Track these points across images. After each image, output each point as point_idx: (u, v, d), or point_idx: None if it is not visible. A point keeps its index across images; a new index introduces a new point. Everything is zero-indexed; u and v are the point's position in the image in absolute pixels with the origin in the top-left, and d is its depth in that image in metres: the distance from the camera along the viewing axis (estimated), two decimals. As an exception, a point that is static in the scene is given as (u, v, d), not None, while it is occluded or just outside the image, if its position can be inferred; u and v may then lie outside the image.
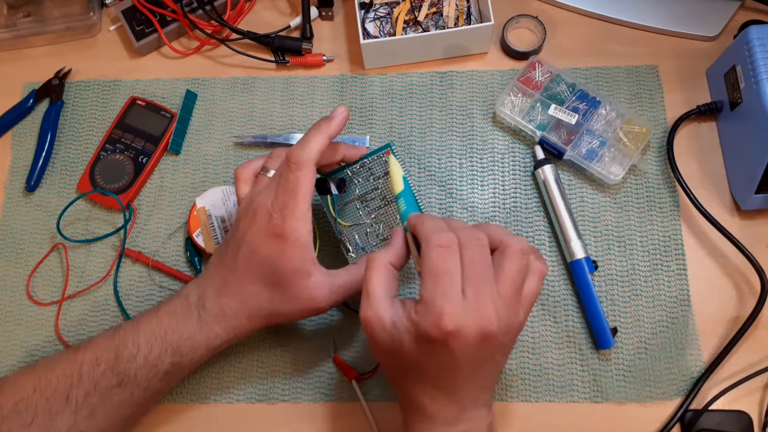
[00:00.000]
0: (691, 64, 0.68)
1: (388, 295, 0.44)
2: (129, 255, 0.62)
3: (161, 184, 0.65)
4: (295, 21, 0.71)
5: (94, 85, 0.69)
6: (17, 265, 0.63)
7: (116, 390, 0.48)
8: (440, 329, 0.40)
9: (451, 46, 0.67)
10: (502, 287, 0.42)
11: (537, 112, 0.64)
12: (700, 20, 0.68)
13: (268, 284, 0.49)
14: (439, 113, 0.67)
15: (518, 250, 0.43)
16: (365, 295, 0.44)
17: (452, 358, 0.41)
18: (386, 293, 0.44)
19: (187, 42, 0.72)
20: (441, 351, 0.41)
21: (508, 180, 0.64)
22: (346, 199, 0.55)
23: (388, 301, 0.43)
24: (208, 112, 0.68)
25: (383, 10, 0.69)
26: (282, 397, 0.58)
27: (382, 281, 0.44)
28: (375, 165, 0.54)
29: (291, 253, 0.47)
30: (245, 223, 0.49)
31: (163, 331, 0.49)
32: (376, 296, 0.43)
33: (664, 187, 0.63)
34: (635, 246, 0.61)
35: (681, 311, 0.59)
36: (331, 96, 0.68)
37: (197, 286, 0.51)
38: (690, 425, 0.55)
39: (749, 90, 0.58)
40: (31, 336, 0.60)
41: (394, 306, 0.43)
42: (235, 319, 0.50)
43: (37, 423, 0.47)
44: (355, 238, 0.55)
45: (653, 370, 0.57)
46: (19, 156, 0.67)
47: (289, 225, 0.47)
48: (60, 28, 0.70)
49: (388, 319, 0.43)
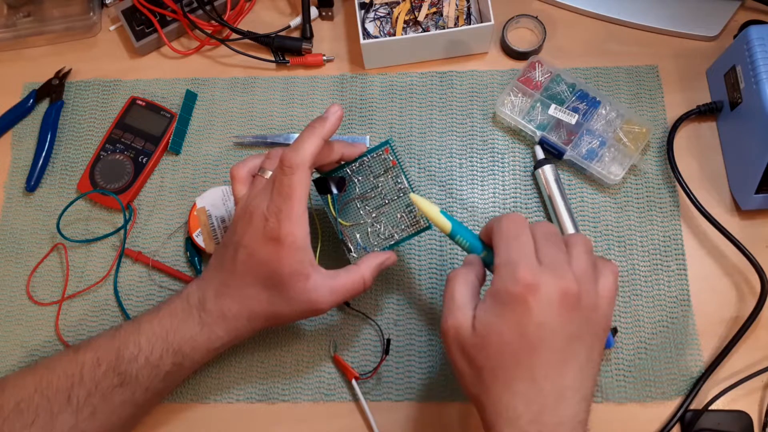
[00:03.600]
0: (691, 64, 0.68)
1: (471, 302, 0.43)
2: (129, 255, 0.62)
3: (161, 184, 0.65)
4: (295, 21, 0.71)
5: (94, 85, 0.69)
6: (17, 265, 0.63)
7: (118, 390, 0.48)
8: (518, 281, 0.40)
9: (451, 46, 0.67)
10: (576, 263, 0.42)
11: (537, 112, 0.64)
12: (700, 20, 0.68)
13: (267, 287, 0.49)
14: (439, 113, 0.67)
15: (583, 242, 0.44)
16: (449, 303, 0.43)
17: (537, 325, 0.40)
18: (470, 300, 0.43)
19: (187, 42, 0.72)
20: (524, 317, 0.40)
21: (508, 180, 0.64)
22: (346, 198, 0.54)
23: (470, 305, 0.43)
24: (208, 112, 0.68)
25: (383, 10, 0.69)
26: (282, 397, 0.58)
27: (464, 290, 0.44)
28: (374, 163, 0.54)
29: (288, 256, 0.47)
30: (242, 226, 0.49)
31: (164, 332, 0.49)
32: (459, 301, 0.43)
33: (664, 187, 0.63)
34: (635, 246, 0.61)
35: (681, 311, 0.59)
36: (331, 96, 0.68)
37: (197, 287, 0.51)
38: (690, 425, 0.55)
39: (749, 90, 0.58)
40: (31, 336, 0.60)
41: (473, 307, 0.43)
42: (235, 320, 0.50)
43: (39, 423, 0.47)
44: (356, 238, 0.55)
45: (653, 370, 0.57)
46: (19, 156, 0.67)
47: (284, 229, 0.47)
48: (60, 28, 0.70)
49: (470, 317, 0.42)
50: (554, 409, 0.40)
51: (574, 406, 0.41)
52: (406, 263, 0.61)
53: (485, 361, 0.41)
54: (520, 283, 0.40)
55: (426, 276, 0.61)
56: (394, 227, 0.54)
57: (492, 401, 0.41)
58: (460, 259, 0.61)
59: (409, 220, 0.54)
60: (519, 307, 0.40)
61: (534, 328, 0.40)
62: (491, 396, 0.41)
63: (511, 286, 0.40)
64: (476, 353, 0.42)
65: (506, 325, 0.40)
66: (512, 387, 0.41)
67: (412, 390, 0.57)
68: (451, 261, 0.61)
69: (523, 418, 0.40)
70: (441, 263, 0.61)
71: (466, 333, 0.42)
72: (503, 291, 0.41)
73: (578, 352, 0.41)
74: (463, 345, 0.42)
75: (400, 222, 0.54)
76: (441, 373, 0.58)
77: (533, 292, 0.40)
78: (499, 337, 0.41)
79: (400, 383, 0.58)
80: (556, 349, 0.40)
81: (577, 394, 0.41)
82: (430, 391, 0.57)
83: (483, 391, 0.42)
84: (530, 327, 0.40)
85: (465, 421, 0.57)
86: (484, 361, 0.41)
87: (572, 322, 0.41)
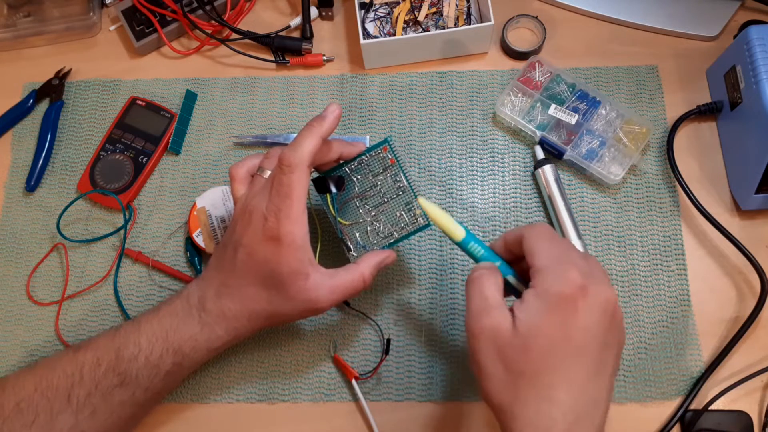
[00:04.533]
0: (691, 64, 0.68)
1: (504, 303, 0.42)
2: (129, 255, 0.62)
3: (161, 184, 0.65)
4: (295, 21, 0.71)
5: (94, 85, 0.69)
6: (17, 265, 0.63)
7: (117, 390, 0.48)
8: (570, 282, 0.39)
9: (451, 46, 0.67)
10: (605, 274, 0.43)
11: (537, 112, 0.64)
12: (700, 20, 0.68)
13: (266, 286, 0.49)
14: (439, 113, 0.67)
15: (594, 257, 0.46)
16: (482, 303, 0.41)
17: (582, 330, 0.39)
18: (503, 301, 0.42)
19: (187, 42, 0.72)
20: (571, 319, 0.39)
21: (508, 180, 0.64)
22: (346, 197, 0.54)
23: (505, 305, 0.42)
24: (208, 112, 0.68)
25: (383, 10, 0.69)
26: (282, 397, 0.58)
27: (495, 291, 0.42)
28: (373, 161, 0.54)
29: (287, 255, 0.47)
30: (241, 225, 0.49)
31: (164, 332, 0.49)
32: (493, 301, 0.41)
33: (664, 187, 0.63)
34: (635, 246, 0.61)
35: (681, 311, 0.59)
36: (331, 96, 0.68)
37: (197, 287, 0.51)
38: (690, 425, 0.55)
39: (749, 90, 0.58)
40: (31, 336, 0.60)
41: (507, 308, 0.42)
42: (235, 320, 0.50)
43: (39, 423, 0.47)
44: (355, 237, 0.55)
45: (653, 370, 0.57)
46: (19, 156, 0.67)
47: (284, 228, 0.47)
48: (60, 28, 0.70)
49: (509, 317, 0.40)
50: (587, 419, 0.39)
51: (601, 416, 0.40)
52: (406, 263, 0.61)
53: (526, 364, 0.39)
54: (571, 284, 0.39)
55: (426, 276, 0.61)
56: (394, 226, 0.54)
57: (526, 409, 0.39)
58: (460, 259, 0.61)
59: (409, 219, 0.54)
60: (568, 309, 0.39)
61: (579, 333, 0.39)
62: (527, 404, 0.39)
63: (563, 287, 0.39)
64: (517, 356, 0.40)
65: (553, 326, 0.39)
66: (552, 395, 0.39)
67: (412, 390, 0.57)
68: (451, 261, 0.61)
69: (559, 427, 0.38)
70: (441, 263, 0.61)
71: (506, 334, 0.40)
72: (552, 291, 0.40)
73: (608, 362, 0.41)
74: (502, 347, 0.40)
75: (399, 220, 0.54)
76: (441, 373, 0.58)
77: (583, 295, 0.39)
78: (545, 340, 0.39)
79: (400, 383, 0.58)
80: (594, 356, 0.40)
81: (604, 405, 0.41)
82: (430, 391, 0.57)
83: (516, 398, 0.40)
84: (576, 331, 0.39)
85: (465, 420, 0.56)
86: (525, 364, 0.39)
87: (608, 331, 0.41)
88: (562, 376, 0.39)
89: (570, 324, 0.39)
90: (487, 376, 0.41)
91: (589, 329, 0.40)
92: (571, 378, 0.39)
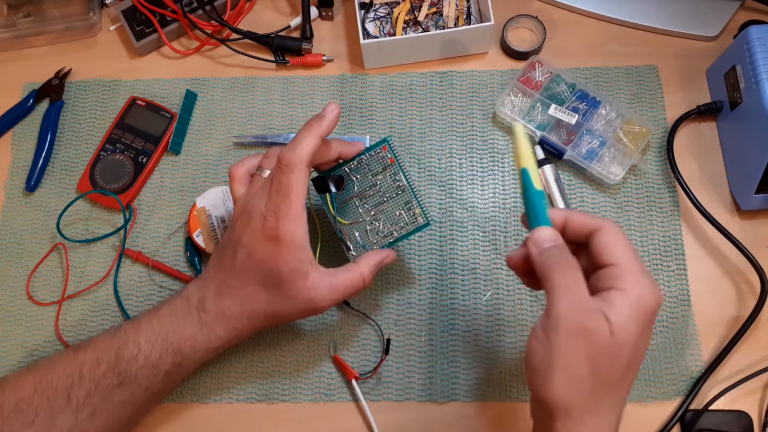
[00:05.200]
0: (691, 64, 0.68)
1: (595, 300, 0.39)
2: (129, 255, 0.62)
3: (161, 184, 0.65)
4: (295, 21, 0.71)
5: (94, 85, 0.69)
6: (17, 265, 0.63)
7: (117, 390, 0.48)
8: (656, 296, 0.39)
9: (451, 46, 0.67)
10: None
11: (537, 112, 0.64)
12: (700, 20, 0.68)
13: (266, 286, 0.49)
14: (439, 113, 0.67)
15: None
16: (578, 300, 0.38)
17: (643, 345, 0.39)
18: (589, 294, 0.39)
19: (187, 42, 0.72)
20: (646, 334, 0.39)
21: (508, 180, 0.64)
22: (345, 196, 0.54)
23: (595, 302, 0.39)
24: (208, 112, 0.68)
25: (383, 10, 0.69)
26: (282, 397, 0.58)
27: (582, 279, 0.39)
28: (372, 161, 0.54)
29: (287, 254, 0.47)
30: (241, 225, 0.49)
31: (164, 332, 0.49)
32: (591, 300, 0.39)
33: (664, 187, 0.63)
34: (635, 246, 0.61)
35: (681, 311, 0.59)
36: (331, 96, 0.68)
37: (197, 287, 0.51)
38: (690, 425, 0.55)
39: (749, 90, 0.58)
40: (31, 336, 0.60)
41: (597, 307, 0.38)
42: (235, 320, 0.50)
43: (39, 422, 0.47)
44: (355, 236, 0.55)
45: (653, 370, 0.57)
46: (19, 156, 0.67)
47: (283, 227, 0.47)
48: (60, 28, 0.70)
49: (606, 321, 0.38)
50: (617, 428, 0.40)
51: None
52: (406, 263, 0.61)
53: (615, 372, 0.38)
54: (659, 298, 0.39)
55: (426, 276, 0.61)
56: (393, 225, 0.54)
57: (598, 416, 0.38)
58: (460, 259, 0.61)
59: (408, 218, 0.54)
60: (650, 323, 0.39)
61: (641, 346, 0.39)
62: (600, 411, 0.38)
63: (652, 301, 0.39)
64: (609, 363, 0.38)
65: (641, 338, 0.38)
66: (618, 405, 0.40)
67: (412, 390, 0.57)
68: (451, 261, 0.61)
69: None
70: (441, 263, 0.61)
71: (604, 340, 0.37)
72: (645, 302, 0.38)
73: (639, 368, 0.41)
74: (598, 351, 0.38)
75: (399, 219, 0.54)
76: (441, 373, 0.58)
77: (656, 311, 0.39)
78: (632, 350, 0.38)
79: (400, 383, 0.58)
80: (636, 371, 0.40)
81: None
82: (430, 391, 0.57)
83: (592, 404, 0.38)
84: (645, 345, 0.39)
85: (465, 420, 0.56)
86: (614, 372, 0.38)
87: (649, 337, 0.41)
88: (628, 387, 0.40)
89: (646, 337, 0.39)
90: (571, 377, 0.38)
91: (643, 346, 0.40)
92: (623, 392, 0.40)
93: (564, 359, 0.38)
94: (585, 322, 0.38)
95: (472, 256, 0.61)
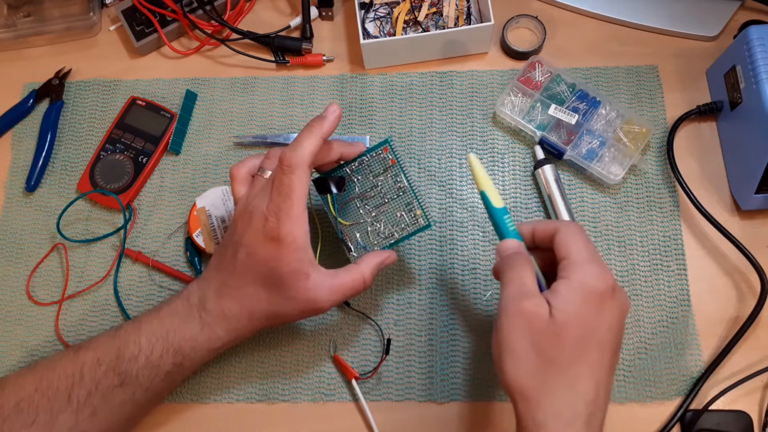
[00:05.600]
0: (691, 64, 0.68)
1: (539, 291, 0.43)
2: (129, 255, 0.62)
3: (161, 184, 0.65)
4: (295, 21, 0.71)
5: (94, 85, 0.69)
6: (17, 265, 0.63)
7: (118, 390, 0.48)
8: (605, 280, 0.42)
9: (451, 46, 0.67)
10: None
11: (537, 112, 0.64)
12: (700, 20, 0.68)
13: (267, 286, 0.49)
14: (439, 113, 0.67)
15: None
16: (521, 288, 0.43)
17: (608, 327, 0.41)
18: (538, 289, 0.43)
19: (187, 42, 0.72)
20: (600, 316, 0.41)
21: (508, 180, 0.64)
22: (346, 197, 0.54)
23: (540, 293, 0.43)
24: (208, 112, 0.68)
25: (383, 10, 0.69)
26: (282, 397, 0.58)
27: (533, 278, 0.44)
28: (373, 162, 0.54)
29: (287, 255, 0.47)
30: (242, 225, 0.49)
31: (164, 332, 0.49)
32: (531, 288, 0.43)
33: (664, 187, 0.63)
34: (635, 246, 0.61)
35: (681, 311, 0.59)
36: (331, 96, 0.68)
37: (198, 287, 0.51)
38: (690, 425, 0.55)
39: (749, 90, 0.58)
40: (31, 336, 0.60)
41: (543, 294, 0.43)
42: (235, 320, 0.50)
43: (39, 422, 0.47)
44: (356, 237, 0.55)
45: (653, 370, 0.57)
46: (19, 156, 0.67)
47: (284, 228, 0.47)
48: (60, 28, 0.70)
49: (546, 305, 0.42)
50: (599, 413, 0.41)
51: (606, 412, 0.42)
52: (406, 263, 0.61)
53: (558, 352, 0.41)
54: (605, 282, 0.42)
55: (426, 276, 0.61)
56: (394, 226, 0.54)
57: (552, 398, 0.40)
58: (461, 259, 0.61)
59: (409, 219, 0.54)
60: (600, 305, 0.41)
61: (605, 329, 0.42)
62: (554, 392, 0.40)
63: (598, 283, 0.42)
64: (551, 343, 0.41)
65: (585, 319, 0.41)
66: (578, 386, 0.41)
67: (412, 390, 0.57)
68: (451, 261, 0.61)
69: (581, 419, 0.40)
70: (441, 263, 0.61)
71: (543, 321, 0.41)
72: (588, 285, 0.42)
73: (616, 361, 0.43)
74: (537, 333, 0.41)
75: (399, 221, 0.54)
76: (441, 373, 0.58)
77: (612, 294, 0.42)
78: (577, 331, 0.41)
79: (400, 383, 0.58)
80: (613, 354, 0.42)
81: (608, 401, 0.42)
82: (430, 391, 0.57)
83: (544, 384, 0.41)
84: (604, 327, 0.42)
85: (465, 420, 0.56)
86: (557, 352, 0.41)
87: (622, 333, 0.43)
88: (588, 369, 0.41)
89: (599, 319, 0.42)
90: (517, 359, 0.41)
91: (612, 327, 0.42)
92: (595, 372, 0.41)
93: (508, 342, 0.42)
94: (524, 306, 0.42)
95: (472, 256, 0.61)
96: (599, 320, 0.41)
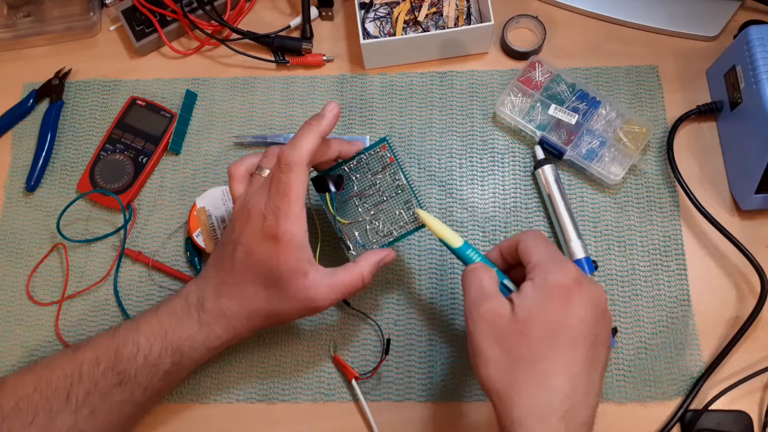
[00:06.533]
0: (691, 64, 0.68)
1: (500, 293, 0.45)
2: (129, 255, 0.62)
3: (161, 184, 0.65)
4: (295, 21, 0.71)
5: (94, 85, 0.70)
6: (17, 265, 0.63)
7: (116, 389, 0.48)
8: (567, 273, 0.42)
9: (451, 46, 0.67)
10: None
11: (537, 112, 0.64)
12: (700, 20, 0.68)
13: (265, 285, 0.49)
14: (439, 113, 0.67)
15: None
16: (480, 291, 0.44)
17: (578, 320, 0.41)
18: (499, 291, 0.45)
19: (187, 42, 0.72)
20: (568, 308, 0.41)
21: (508, 180, 0.64)
22: (345, 196, 0.54)
23: (501, 295, 0.44)
24: (208, 112, 0.68)
25: (383, 10, 0.69)
26: (282, 397, 0.58)
27: (492, 282, 0.45)
28: (372, 160, 0.54)
29: (286, 254, 0.47)
30: (240, 224, 0.49)
31: (163, 331, 0.49)
32: (490, 290, 0.44)
33: (664, 187, 0.63)
34: (635, 246, 0.61)
35: (681, 311, 0.59)
36: (331, 96, 0.68)
37: (196, 286, 0.51)
38: (690, 425, 0.55)
39: (749, 90, 0.58)
40: (31, 336, 0.60)
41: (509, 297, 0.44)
42: (234, 319, 0.50)
43: (38, 422, 0.47)
44: (355, 236, 0.55)
45: (653, 370, 0.57)
46: (19, 156, 0.67)
47: (282, 226, 0.47)
48: (60, 28, 0.70)
49: (508, 304, 0.43)
50: (581, 409, 0.40)
51: (593, 407, 0.41)
52: (406, 263, 0.61)
53: (525, 348, 0.41)
54: (567, 276, 0.42)
55: (426, 276, 0.61)
56: (393, 224, 0.54)
57: (525, 395, 0.40)
58: (460, 258, 0.61)
59: (408, 217, 0.54)
60: (564, 299, 0.42)
61: (574, 322, 0.41)
62: (526, 389, 0.40)
63: (560, 278, 0.42)
64: (516, 340, 0.41)
65: (550, 313, 0.41)
66: (549, 381, 0.40)
67: (412, 390, 0.57)
68: (451, 261, 0.61)
69: (556, 415, 0.39)
70: (441, 263, 0.61)
71: (505, 319, 0.42)
72: (550, 281, 0.42)
73: (600, 356, 0.43)
74: (501, 331, 0.42)
75: (398, 219, 0.54)
76: (441, 373, 0.58)
77: (578, 286, 0.42)
78: (542, 326, 0.41)
79: (400, 383, 0.58)
80: (588, 347, 0.41)
81: (596, 397, 0.42)
82: (430, 391, 0.57)
83: (515, 381, 0.41)
84: (571, 319, 0.41)
85: (465, 420, 0.56)
86: (523, 348, 0.41)
87: (600, 324, 0.43)
88: (559, 364, 0.41)
89: (566, 312, 0.41)
90: (486, 360, 0.42)
91: (583, 320, 0.42)
92: (568, 366, 0.41)
93: (477, 344, 0.43)
94: (484, 308, 0.43)
95: (472, 256, 0.61)
96: (567, 314, 0.41)
